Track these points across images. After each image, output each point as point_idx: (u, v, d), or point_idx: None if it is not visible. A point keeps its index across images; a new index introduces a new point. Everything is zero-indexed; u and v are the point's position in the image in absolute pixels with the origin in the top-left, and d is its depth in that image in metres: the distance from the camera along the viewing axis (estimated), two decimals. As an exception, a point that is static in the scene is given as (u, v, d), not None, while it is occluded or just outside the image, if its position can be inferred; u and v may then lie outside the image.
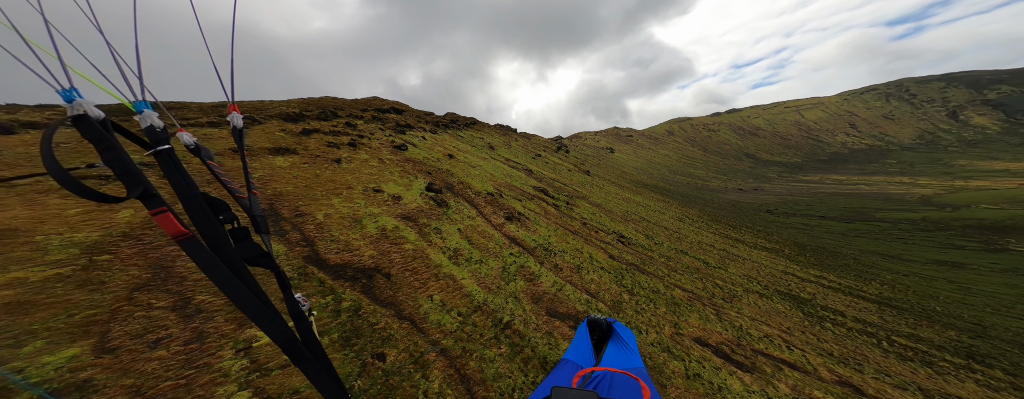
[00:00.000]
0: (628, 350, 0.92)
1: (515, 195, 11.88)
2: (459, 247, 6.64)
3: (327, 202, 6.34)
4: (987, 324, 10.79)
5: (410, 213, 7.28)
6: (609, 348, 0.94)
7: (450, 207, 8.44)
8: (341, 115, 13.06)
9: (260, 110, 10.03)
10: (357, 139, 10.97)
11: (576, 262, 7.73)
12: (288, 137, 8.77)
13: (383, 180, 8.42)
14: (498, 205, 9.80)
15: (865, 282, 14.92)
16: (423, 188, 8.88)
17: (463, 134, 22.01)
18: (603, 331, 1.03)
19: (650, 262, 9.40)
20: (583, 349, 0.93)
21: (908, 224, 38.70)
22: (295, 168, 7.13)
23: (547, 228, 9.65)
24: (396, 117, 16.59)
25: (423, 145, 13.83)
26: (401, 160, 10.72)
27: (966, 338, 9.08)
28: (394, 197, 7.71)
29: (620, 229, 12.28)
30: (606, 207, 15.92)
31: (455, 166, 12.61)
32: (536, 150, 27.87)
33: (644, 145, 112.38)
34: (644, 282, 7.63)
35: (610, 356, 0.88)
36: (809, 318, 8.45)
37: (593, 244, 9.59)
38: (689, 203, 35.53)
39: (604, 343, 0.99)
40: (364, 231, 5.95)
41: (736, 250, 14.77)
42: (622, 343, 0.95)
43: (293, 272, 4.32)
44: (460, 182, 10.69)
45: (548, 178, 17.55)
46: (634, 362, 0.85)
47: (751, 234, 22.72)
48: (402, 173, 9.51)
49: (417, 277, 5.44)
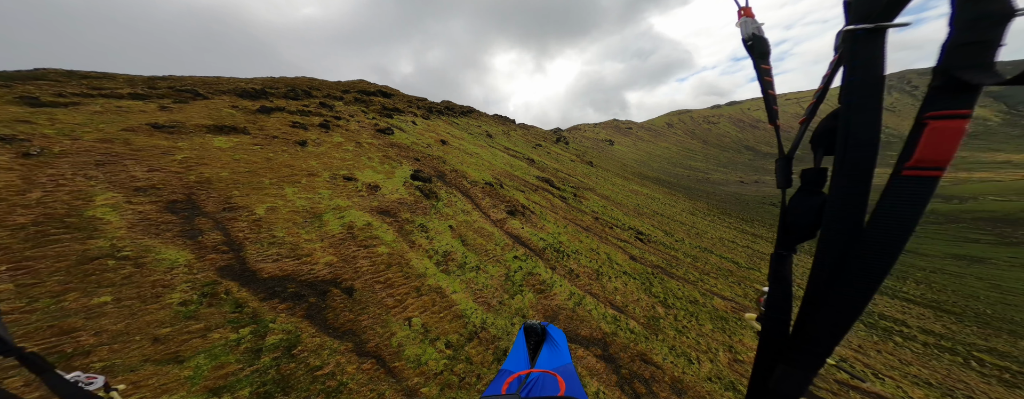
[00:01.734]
0: (559, 349, 0.92)
1: (517, 186, 10.42)
2: (450, 249, 5.24)
3: (276, 192, 4.87)
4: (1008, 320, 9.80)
5: (389, 206, 5.83)
6: (544, 351, 0.92)
7: (440, 199, 6.99)
8: (316, 95, 11.38)
9: (209, 85, 8.34)
10: (332, 120, 9.37)
11: (594, 266, 6.38)
12: (239, 115, 7.16)
13: (358, 166, 6.92)
14: (498, 197, 8.35)
15: (900, 281, 13.85)
16: (408, 176, 7.40)
17: (459, 121, 20.32)
18: (539, 336, 1.01)
19: (677, 264, 8.08)
20: (519, 357, 0.91)
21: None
22: (240, 150, 5.60)
23: (556, 224, 8.24)
24: (383, 100, 14.88)
25: (412, 130, 12.23)
26: (384, 144, 9.18)
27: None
28: (370, 186, 6.24)
29: (635, 224, 10.91)
30: (616, 200, 14.53)
31: (449, 153, 11.09)
32: (536, 140, 26.28)
33: (644, 137, 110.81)
34: (677, 289, 6.31)
35: (543, 359, 0.88)
36: (873, 330, 7.26)
37: (610, 243, 8.22)
38: (695, 196, 34.35)
39: (539, 347, 0.96)
40: (324, 230, 4.52)
41: (759, 246, 13.54)
42: (554, 344, 0.94)
43: (192, 292, 2.88)
44: (454, 170, 9.21)
45: (551, 168, 16.07)
46: (564, 359, 0.87)
47: (765, 229, 21.57)
48: (384, 159, 8.00)
49: (392, 292, 4.06)
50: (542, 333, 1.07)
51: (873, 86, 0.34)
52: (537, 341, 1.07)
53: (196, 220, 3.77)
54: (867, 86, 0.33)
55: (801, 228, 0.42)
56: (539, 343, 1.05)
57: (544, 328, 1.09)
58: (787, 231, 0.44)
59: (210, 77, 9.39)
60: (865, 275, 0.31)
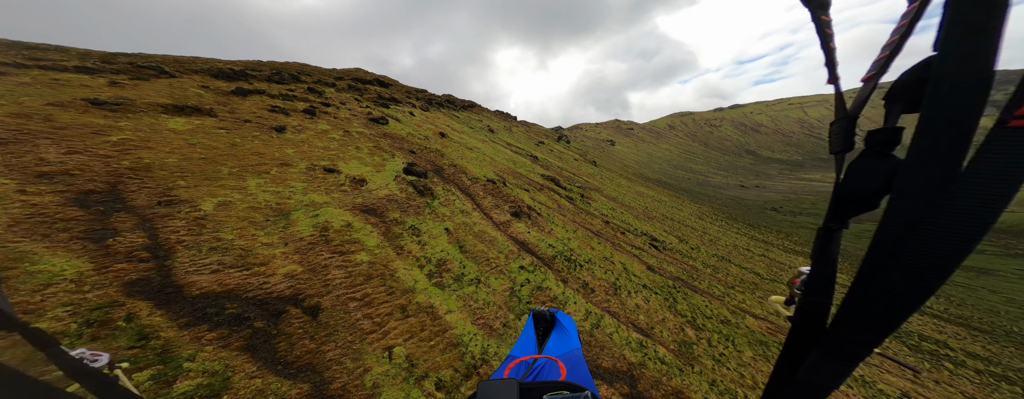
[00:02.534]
0: (568, 334, 0.91)
1: (521, 184, 9.60)
2: (446, 257, 4.41)
3: (235, 184, 4.01)
4: None
5: (375, 204, 4.98)
6: (552, 338, 0.91)
7: (436, 197, 6.16)
8: (305, 80, 10.46)
9: (180, 64, 7.38)
10: (319, 107, 8.48)
11: (610, 278, 5.57)
12: (208, 96, 6.24)
13: (343, 157, 6.06)
14: (501, 196, 7.51)
15: None
16: (400, 170, 6.55)
17: (460, 115, 19.44)
18: (548, 322, 0.98)
19: (697, 275, 7.30)
20: (527, 342, 0.91)
21: (921, 226, 37.53)
22: (199, 134, 4.72)
23: (564, 228, 7.43)
24: (380, 89, 13.97)
25: (409, 121, 11.35)
26: (376, 134, 8.31)
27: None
28: (355, 180, 5.39)
29: (647, 229, 10.13)
30: (623, 202, 13.75)
31: (447, 146, 10.24)
32: (538, 138, 25.47)
33: (645, 138, 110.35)
34: (704, 307, 5.52)
35: (552, 344, 0.88)
36: (920, 355, 6.53)
37: (624, 250, 7.42)
38: (699, 199, 33.70)
39: (548, 333, 0.95)
40: (289, 232, 3.68)
41: (774, 255, 12.82)
42: (563, 330, 0.93)
43: (70, 320, 2.04)
44: (452, 165, 8.36)
45: (555, 166, 15.25)
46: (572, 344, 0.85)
47: (774, 235, 20.90)
48: (374, 150, 7.14)
49: (370, 312, 3.23)
50: (551, 320, 1.01)
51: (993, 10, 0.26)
52: (546, 328, 1.01)
53: (113, 217, 2.91)
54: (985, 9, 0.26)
55: (863, 197, 0.36)
56: (548, 330, 1.00)
57: (553, 314, 1.02)
58: (843, 201, 0.38)
59: (186, 57, 8.47)
60: (950, 246, 0.27)
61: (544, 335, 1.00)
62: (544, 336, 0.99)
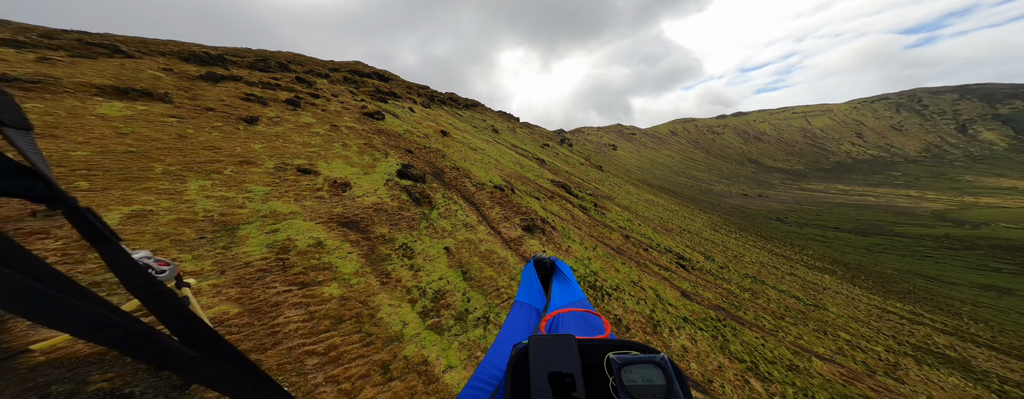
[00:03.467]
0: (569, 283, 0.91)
1: (531, 191, 8.63)
2: (445, 287, 3.40)
3: (165, 187, 3.00)
4: None
5: (359, 214, 3.99)
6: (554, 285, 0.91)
7: (435, 206, 5.17)
8: (294, 69, 9.51)
9: (146, 45, 6.36)
10: (306, 98, 7.50)
11: (645, 310, 4.57)
12: (168, 79, 5.21)
13: (325, 155, 5.06)
14: (510, 206, 6.53)
15: (954, 317, 12.21)
16: (393, 172, 5.57)
17: (463, 113, 18.53)
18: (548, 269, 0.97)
19: (737, 301, 6.29)
20: (533, 289, 0.91)
21: (931, 241, 36.66)
22: (138, 122, 3.72)
23: (583, 245, 6.44)
24: (378, 83, 13.03)
25: (408, 117, 10.40)
26: (370, 130, 7.34)
27: None
28: (336, 184, 4.40)
29: (668, 244, 9.13)
30: (637, 211, 12.77)
31: (449, 146, 9.28)
32: (542, 140, 24.57)
33: (647, 144, 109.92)
34: (760, 346, 4.53)
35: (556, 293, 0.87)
36: (984, 389, 5.51)
37: (651, 271, 6.43)
38: (706, 208, 32.77)
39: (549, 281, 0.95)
40: (232, 254, 2.68)
41: (801, 274, 11.82)
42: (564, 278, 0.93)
43: None
44: (455, 167, 7.39)
45: (564, 171, 14.29)
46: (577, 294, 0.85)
47: (789, 248, 19.92)
48: (364, 148, 6.16)
49: (334, 374, 2.19)
50: (551, 267, 0.98)
51: None
52: (547, 274, 0.97)
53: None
54: None
55: None
56: (548, 276, 0.97)
57: (553, 262, 0.98)
58: None
59: (158, 39, 7.50)
60: None
61: (546, 282, 0.95)
62: (546, 283, 0.95)
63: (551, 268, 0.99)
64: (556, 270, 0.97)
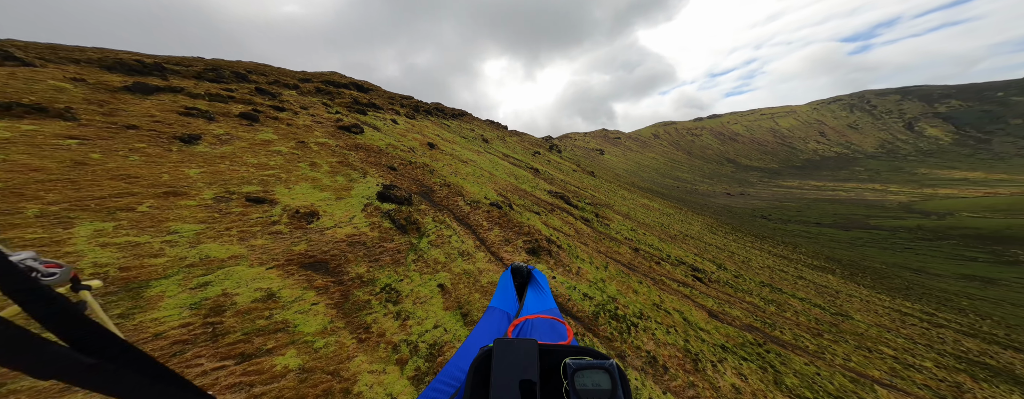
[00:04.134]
0: (543, 293, 0.93)
1: (529, 205, 7.93)
2: (442, 339, 2.55)
3: (38, 234, 2.08)
4: None
5: (328, 252, 3.10)
6: (529, 293, 0.94)
7: (425, 233, 4.35)
8: (256, 80, 8.56)
9: (54, 51, 5.19)
10: (268, 111, 6.57)
11: (677, 340, 3.85)
12: (76, 91, 4.07)
13: (287, 178, 4.16)
14: (510, 225, 5.78)
15: (961, 314, 12.22)
16: (372, 195, 4.71)
17: (450, 123, 17.86)
18: (524, 277, 1.00)
19: (768, 318, 5.71)
20: (507, 295, 0.93)
21: (906, 232, 38.56)
22: (16, 146, 2.73)
23: (592, 263, 5.74)
24: (357, 94, 12.19)
25: (391, 130, 9.59)
26: (346, 146, 6.48)
27: None
28: (299, 215, 3.50)
29: (677, 253, 8.60)
30: (637, 218, 12.30)
31: (438, 160, 8.51)
32: (533, 147, 24.22)
33: (632, 148, 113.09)
34: (814, 375, 3.88)
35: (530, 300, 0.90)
36: None
37: (669, 289, 5.79)
38: (697, 209, 33.16)
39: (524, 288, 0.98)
40: (138, 322, 1.78)
41: (809, 276, 11.57)
42: (539, 287, 0.95)
43: None
44: (445, 184, 6.61)
45: (559, 180, 13.75)
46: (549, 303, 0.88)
47: (784, 247, 20.05)
48: (338, 167, 5.28)
49: None
50: (527, 276, 1.01)
51: None
52: (522, 282, 1.00)
53: None
54: None
55: None
56: (524, 284, 1.00)
57: (529, 270, 1.01)
58: None
59: (78, 46, 6.39)
60: None
61: (521, 290, 0.98)
62: (521, 291, 0.98)
63: (527, 276, 1.00)
64: (532, 278, 0.98)
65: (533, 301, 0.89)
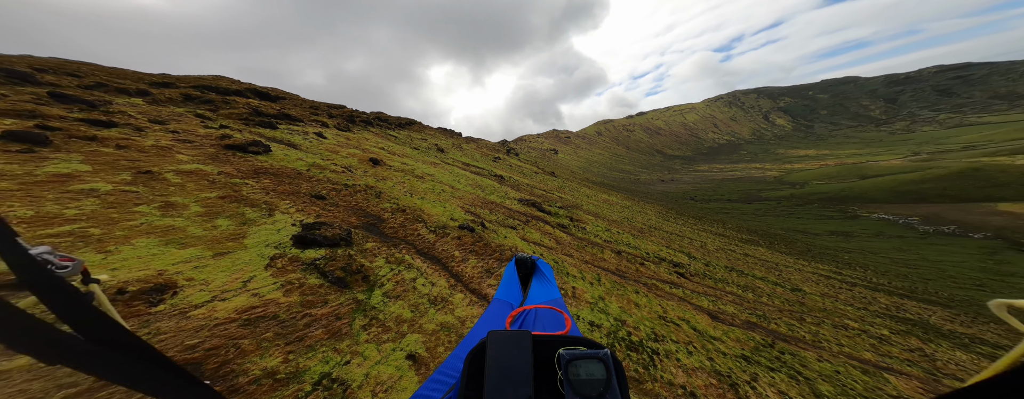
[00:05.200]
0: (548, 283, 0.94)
1: (503, 219, 6.97)
2: None
3: None
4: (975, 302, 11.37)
5: (198, 347, 1.66)
6: (533, 284, 0.95)
7: (377, 282, 3.00)
8: (54, 83, 5.57)
9: None
10: (75, 127, 4.13)
11: (701, 361, 3.32)
12: None
13: (102, 235, 2.28)
14: (487, 250, 4.71)
15: (853, 269, 15.41)
16: (285, 240, 3.10)
17: (397, 134, 15.74)
18: (528, 268, 1.02)
19: (759, 309, 5.80)
20: (512, 287, 0.93)
21: (786, 201, 49.45)
22: None
23: (585, 278, 5.07)
24: (258, 103, 9.46)
25: (315, 146, 7.49)
26: (239, 173, 4.48)
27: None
28: (129, 296, 1.88)
29: (652, 249, 8.68)
30: (606, 215, 12.43)
31: (386, 179, 6.88)
32: (491, 153, 23.43)
33: (581, 145, 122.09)
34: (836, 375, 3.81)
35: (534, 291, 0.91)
36: (981, 357, 6.26)
37: (663, 293, 5.47)
38: (646, 199, 36.70)
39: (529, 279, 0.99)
40: None
41: (750, 251, 13.20)
42: (543, 277, 0.96)
43: None
44: (399, 209, 5.17)
45: (525, 185, 13.14)
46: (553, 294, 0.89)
47: (718, 226, 23.18)
48: (219, 204, 3.42)
49: None
50: (532, 266, 1.02)
51: None
52: (527, 273, 1.02)
53: None
54: None
55: None
56: (528, 275, 1.01)
57: (534, 261, 1.02)
58: None
59: None
60: None
61: (525, 281, 0.99)
62: (525, 282, 0.98)
63: (532, 267, 1.00)
64: (536, 269, 0.99)
65: (537, 292, 0.88)
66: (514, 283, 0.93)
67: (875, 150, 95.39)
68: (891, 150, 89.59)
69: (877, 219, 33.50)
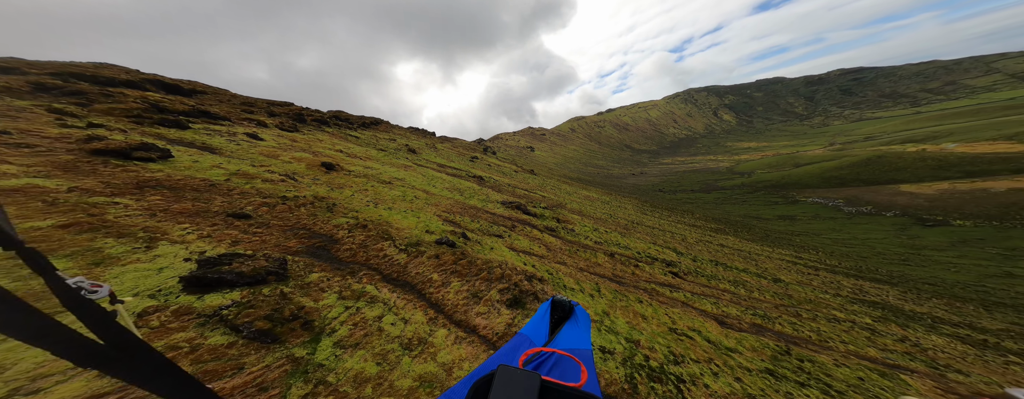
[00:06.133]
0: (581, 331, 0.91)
1: (486, 226, 6.16)
2: None
3: None
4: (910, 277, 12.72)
5: None
6: (565, 329, 0.90)
7: (324, 328, 2.09)
8: None
9: None
10: None
11: (728, 384, 2.84)
12: None
13: None
14: (473, 269, 3.89)
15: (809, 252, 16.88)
16: (168, 283, 2.04)
17: (360, 134, 13.96)
18: (564, 312, 0.98)
19: (754, 307, 5.68)
20: (540, 327, 0.91)
21: (739, 189, 54.45)
22: None
23: (583, 290, 4.49)
24: (160, 97, 7.45)
25: (243, 150, 5.93)
26: (106, 189, 3.05)
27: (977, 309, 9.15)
28: None
29: (640, 247, 8.47)
30: (590, 214, 12.16)
31: (343, 187, 5.66)
32: (468, 153, 22.28)
33: (557, 142, 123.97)
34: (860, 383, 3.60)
35: (563, 336, 0.87)
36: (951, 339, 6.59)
37: (665, 299, 5.10)
38: (620, 192, 37.80)
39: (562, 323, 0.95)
40: None
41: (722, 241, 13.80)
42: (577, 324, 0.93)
43: None
44: (358, 225, 4.11)
45: (506, 185, 12.38)
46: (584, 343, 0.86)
47: (688, 216, 24.41)
48: (52, 237, 2.16)
49: None
50: (569, 310, 0.98)
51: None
52: (561, 317, 0.97)
53: None
54: None
55: None
56: (562, 319, 0.96)
57: (572, 306, 0.98)
58: None
59: None
60: None
61: (557, 324, 0.95)
62: (557, 325, 0.95)
63: (568, 312, 0.97)
64: (572, 314, 0.97)
65: (566, 336, 0.85)
66: (544, 322, 0.90)
67: (801, 142, 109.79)
68: (814, 141, 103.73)
69: (812, 203, 38.53)
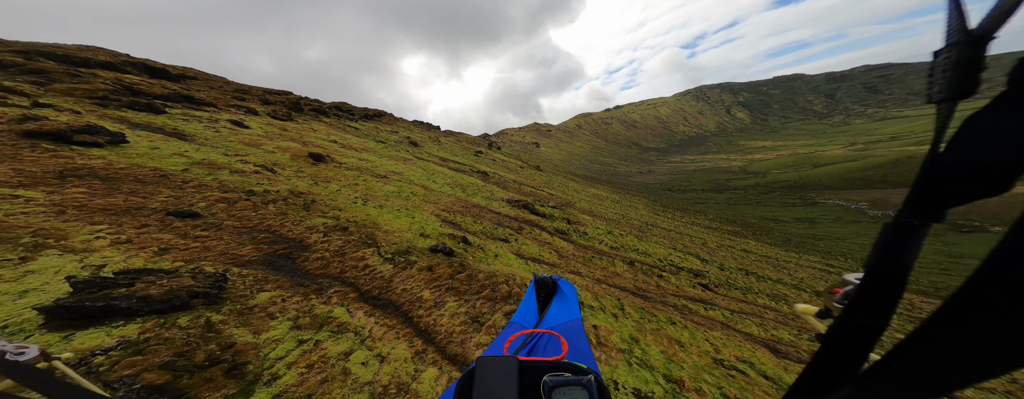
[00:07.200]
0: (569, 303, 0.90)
1: (490, 229, 5.45)
2: None
3: None
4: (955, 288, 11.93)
5: None
6: (553, 306, 0.90)
7: (256, 377, 1.44)
8: None
9: None
10: None
11: None
12: None
13: None
14: (472, 283, 3.18)
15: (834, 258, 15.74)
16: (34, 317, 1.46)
17: (360, 126, 13.35)
18: (549, 289, 0.97)
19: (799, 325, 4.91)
20: (528, 309, 0.92)
21: (752, 189, 52.50)
22: None
23: (604, 309, 3.75)
24: (139, 80, 6.85)
25: (218, 138, 5.22)
26: (12, 178, 2.49)
27: None
28: None
29: (660, 253, 7.67)
30: (600, 213, 11.34)
31: (329, 181, 5.01)
32: (473, 147, 21.53)
33: (562, 139, 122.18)
34: None
35: (553, 313, 0.87)
36: None
37: (700, 319, 4.33)
38: (629, 190, 36.66)
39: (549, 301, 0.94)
40: None
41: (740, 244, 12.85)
42: (564, 298, 0.93)
43: None
44: (338, 227, 3.44)
45: (512, 182, 11.63)
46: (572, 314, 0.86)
47: (701, 217, 23.30)
48: None
49: None
50: (553, 286, 0.99)
51: None
52: (547, 294, 0.97)
53: None
54: None
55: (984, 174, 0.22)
56: (549, 296, 0.96)
57: (555, 281, 0.99)
58: (943, 180, 0.23)
59: None
60: None
61: (545, 302, 0.95)
62: (545, 303, 0.95)
63: (553, 288, 0.97)
64: (558, 289, 0.96)
65: (555, 313, 0.85)
66: (531, 305, 0.89)
67: (821, 141, 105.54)
68: (833, 141, 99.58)
69: (833, 205, 36.57)
